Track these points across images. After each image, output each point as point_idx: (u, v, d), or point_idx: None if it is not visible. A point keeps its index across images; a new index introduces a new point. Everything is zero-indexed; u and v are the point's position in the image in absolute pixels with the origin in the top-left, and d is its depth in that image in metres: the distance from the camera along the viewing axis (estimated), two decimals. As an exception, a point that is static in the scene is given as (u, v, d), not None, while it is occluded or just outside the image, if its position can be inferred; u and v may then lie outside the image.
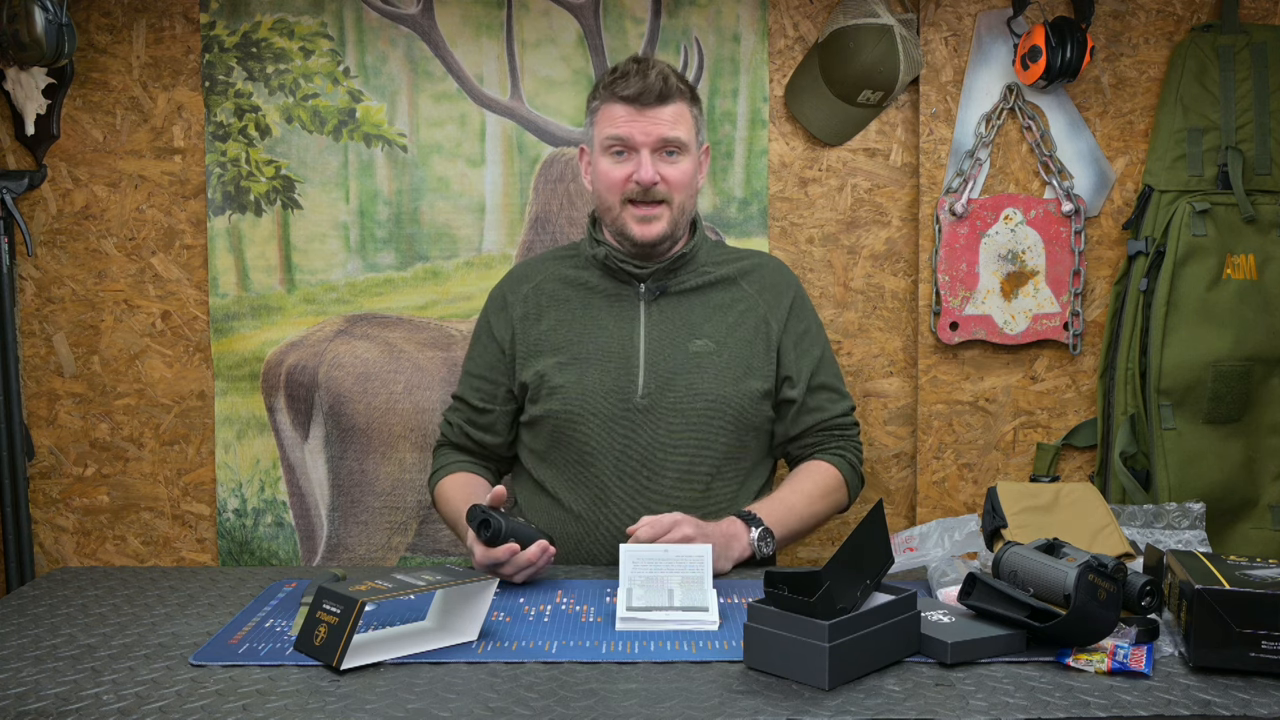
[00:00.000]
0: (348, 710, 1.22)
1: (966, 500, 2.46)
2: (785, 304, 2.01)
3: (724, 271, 2.01)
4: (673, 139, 1.90)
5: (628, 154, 1.91)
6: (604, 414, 1.92)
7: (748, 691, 1.27)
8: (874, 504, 1.41)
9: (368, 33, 2.40)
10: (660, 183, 1.89)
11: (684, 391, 1.92)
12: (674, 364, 1.93)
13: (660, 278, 1.97)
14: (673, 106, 1.90)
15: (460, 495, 1.95)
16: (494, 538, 1.65)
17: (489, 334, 2.05)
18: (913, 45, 2.34)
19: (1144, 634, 1.38)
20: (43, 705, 1.24)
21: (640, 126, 1.89)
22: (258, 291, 2.44)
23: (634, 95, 1.88)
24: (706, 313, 1.98)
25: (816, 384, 2.01)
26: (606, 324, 1.97)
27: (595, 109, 1.96)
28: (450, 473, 2.03)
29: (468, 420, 2.06)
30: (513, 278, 2.09)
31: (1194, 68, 2.34)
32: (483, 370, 2.05)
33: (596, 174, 1.96)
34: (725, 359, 1.94)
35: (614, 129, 1.90)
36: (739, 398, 1.94)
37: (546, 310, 2.00)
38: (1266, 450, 2.37)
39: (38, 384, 2.47)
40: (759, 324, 1.98)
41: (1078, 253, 2.40)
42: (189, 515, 2.49)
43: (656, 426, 1.92)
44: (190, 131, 2.42)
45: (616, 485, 1.92)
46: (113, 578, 1.76)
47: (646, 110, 1.89)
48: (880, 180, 2.46)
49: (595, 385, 1.93)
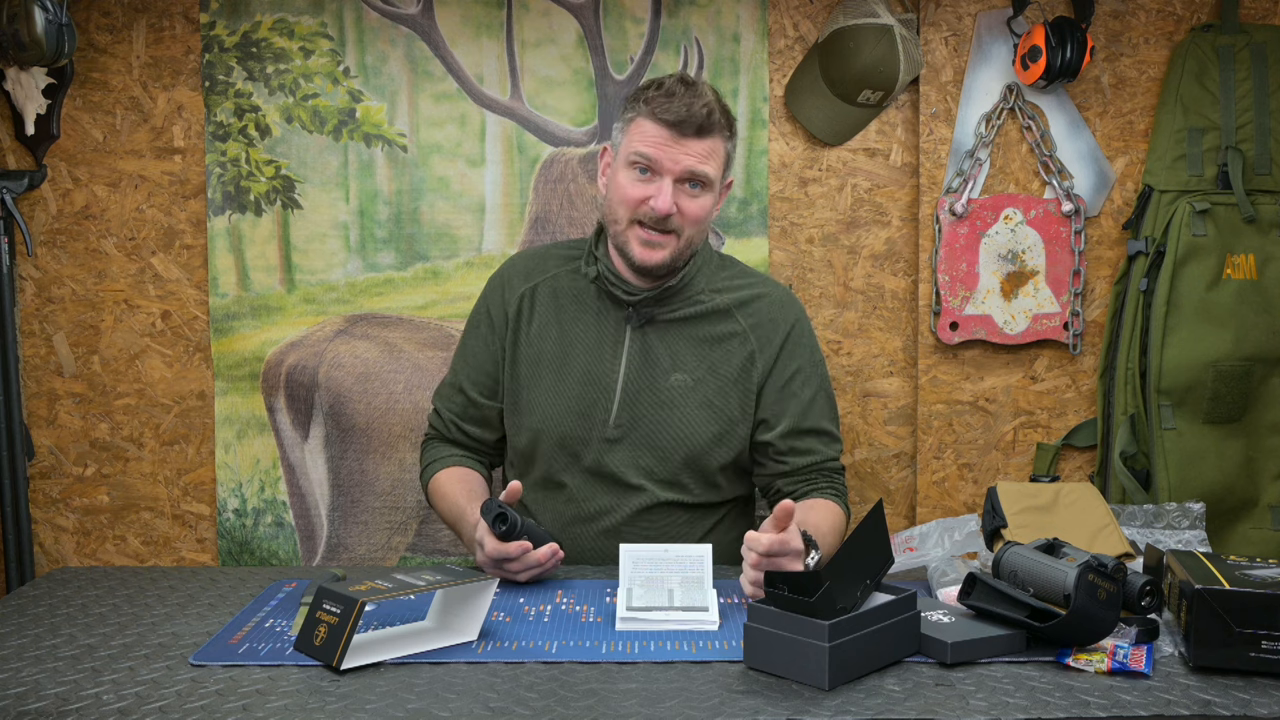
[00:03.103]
0: (348, 710, 1.22)
1: (966, 500, 2.46)
2: (777, 341, 1.93)
3: (720, 301, 1.94)
4: (699, 174, 1.82)
5: (651, 176, 1.82)
6: (574, 438, 1.91)
7: (748, 691, 1.27)
8: (874, 504, 1.41)
9: (368, 33, 2.40)
10: (675, 215, 1.82)
11: (655, 426, 1.89)
12: (649, 397, 1.90)
13: (648, 305, 1.91)
14: (709, 141, 1.82)
15: (459, 490, 1.92)
16: (509, 533, 1.65)
17: (489, 323, 2.00)
18: (913, 45, 2.34)
19: (1144, 634, 1.38)
20: (43, 705, 1.24)
21: (671, 154, 1.80)
22: (258, 291, 2.44)
23: (673, 121, 1.79)
24: (691, 345, 1.92)
25: (806, 427, 1.92)
26: (590, 344, 1.93)
27: (630, 118, 1.86)
28: (445, 466, 2.00)
29: (462, 414, 2.02)
30: (516, 270, 2.03)
31: (1194, 68, 2.34)
32: (482, 362, 2.00)
33: (614, 183, 1.87)
34: (701, 396, 1.90)
35: (643, 147, 1.81)
36: (707, 437, 1.90)
37: (537, 313, 1.97)
38: (1266, 450, 2.37)
39: (38, 384, 2.47)
40: (745, 362, 1.92)
41: (1078, 253, 2.40)
42: (189, 515, 2.49)
43: (624, 459, 1.90)
44: (190, 131, 2.42)
45: (585, 506, 1.92)
46: (113, 578, 1.76)
47: (682, 139, 1.80)
48: (880, 180, 2.46)
49: (566, 407, 1.91)
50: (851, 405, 2.48)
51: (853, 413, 2.49)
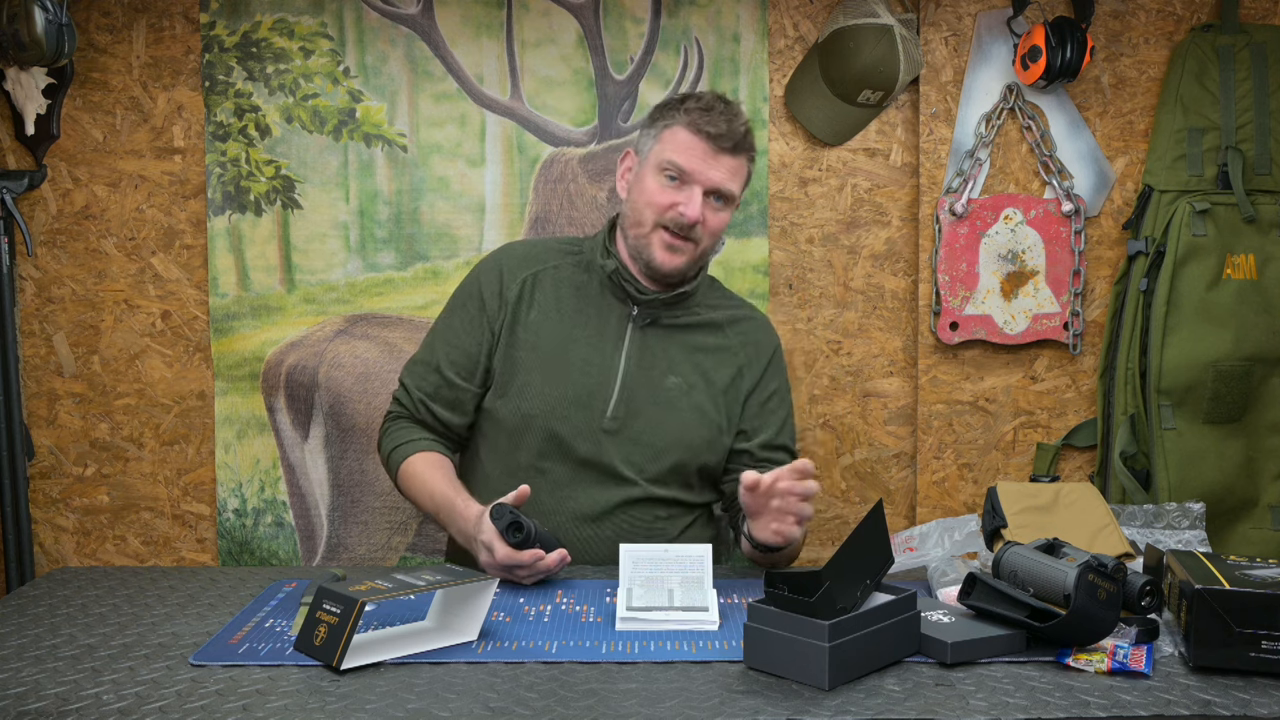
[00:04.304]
0: (348, 710, 1.22)
1: (966, 500, 2.46)
2: (763, 360, 2.01)
3: (714, 316, 2.01)
4: (727, 191, 1.88)
5: (680, 184, 1.87)
6: (571, 425, 1.90)
7: (748, 691, 1.27)
8: (874, 504, 1.41)
9: (368, 33, 2.40)
10: (700, 225, 1.88)
11: (649, 423, 1.92)
12: (647, 394, 1.92)
13: (655, 307, 1.95)
14: (739, 159, 1.90)
15: (440, 477, 1.88)
16: (524, 542, 1.65)
17: (479, 305, 1.96)
18: (913, 45, 2.34)
19: (1144, 634, 1.38)
20: (43, 705, 1.24)
21: (704, 167, 1.86)
22: (258, 291, 2.44)
23: (715, 135, 1.85)
24: (687, 352, 1.97)
25: (778, 444, 2.00)
26: (592, 337, 1.94)
27: (664, 126, 1.90)
28: (417, 450, 1.94)
29: (433, 394, 1.96)
30: (515, 256, 2.01)
31: (1194, 68, 2.34)
32: (464, 343, 1.95)
33: (640, 187, 1.91)
34: (693, 400, 1.94)
35: (679, 157, 1.86)
36: (697, 440, 1.94)
37: (538, 301, 1.96)
38: (1266, 450, 2.37)
39: (38, 384, 2.47)
40: (735, 374, 1.99)
41: (1078, 253, 2.40)
42: (189, 515, 2.49)
43: (616, 452, 1.91)
44: (190, 131, 2.42)
45: (568, 498, 1.91)
46: (113, 578, 1.75)
47: (717, 154, 1.86)
48: (880, 180, 2.46)
49: (568, 395, 1.91)
50: (851, 405, 2.49)
51: (853, 413, 2.49)
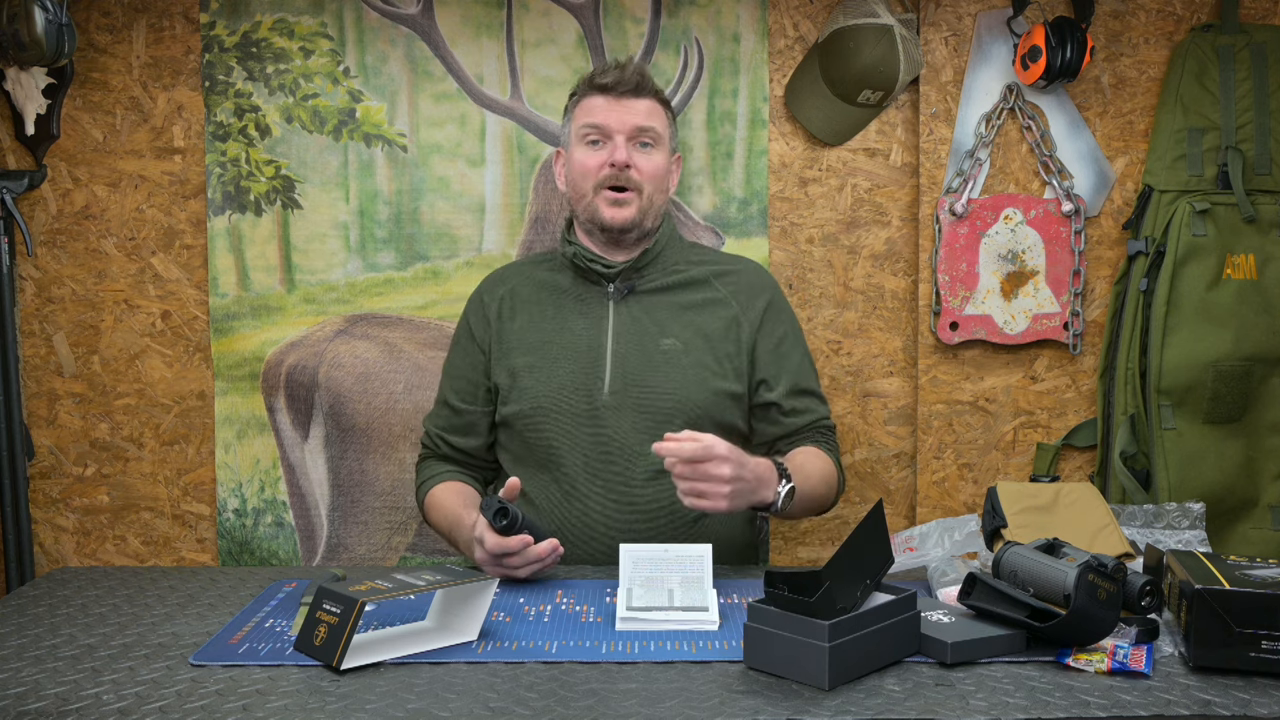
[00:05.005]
0: (348, 710, 1.22)
1: (966, 500, 2.46)
2: (760, 306, 2.01)
3: (696, 272, 2.02)
4: (647, 128, 1.96)
5: (603, 142, 1.96)
6: (570, 411, 1.93)
7: (748, 691, 1.27)
8: (874, 504, 1.41)
9: (368, 33, 2.40)
10: (634, 170, 1.94)
11: (650, 389, 1.93)
12: (642, 362, 1.94)
13: (628, 276, 1.99)
14: (648, 101, 1.97)
15: (453, 500, 1.94)
16: (509, 527, 1.65)
17: (469, 336, 2.07)
18: (913, 45, 2.34)
19: (1144, 634, 1.38)
20: (43, 705, 1.24)
21: (616, 115, 1.95)
22: (258, 291, 2.44)
23: (611, 84, 1.95)
24: (675, 311, 1.98)
25: (801, 388, 2.01)
26: (575, 324, 1.98)
27: (571, 106, 2.02)
28: (439, 482, 2.01)
29: (447, 426, 2.05)
30: (490, 280, 2.12)
31: (1194, 68, 2.34)
32: (463, 371, 2.05)
33: (571, 166, 2.00)
34: (693, 358, 1.95)
35: (590, 118, 1.96)
36: (705, 398, 1.93)
37: (519, 311, 2.03)
38: (1266, 450, 2.37)
39: (38, 384, 2.47)
40: (729, 325, 1.99)
41: (1078, 253, 2.40)
42: (189, 515, 2.49)
43: (622, 424, 1.92)
44: (190, 131, 2.42)
45: (585, 482, 1.92)
46: (113, 578, 1.76)
47: (623, 100, 1.95)
48: (880, 180, 2.46)
49: (562, 382, 1.94)
50: (851, 405, 2.49)
51: (853, 413, 2.49)
